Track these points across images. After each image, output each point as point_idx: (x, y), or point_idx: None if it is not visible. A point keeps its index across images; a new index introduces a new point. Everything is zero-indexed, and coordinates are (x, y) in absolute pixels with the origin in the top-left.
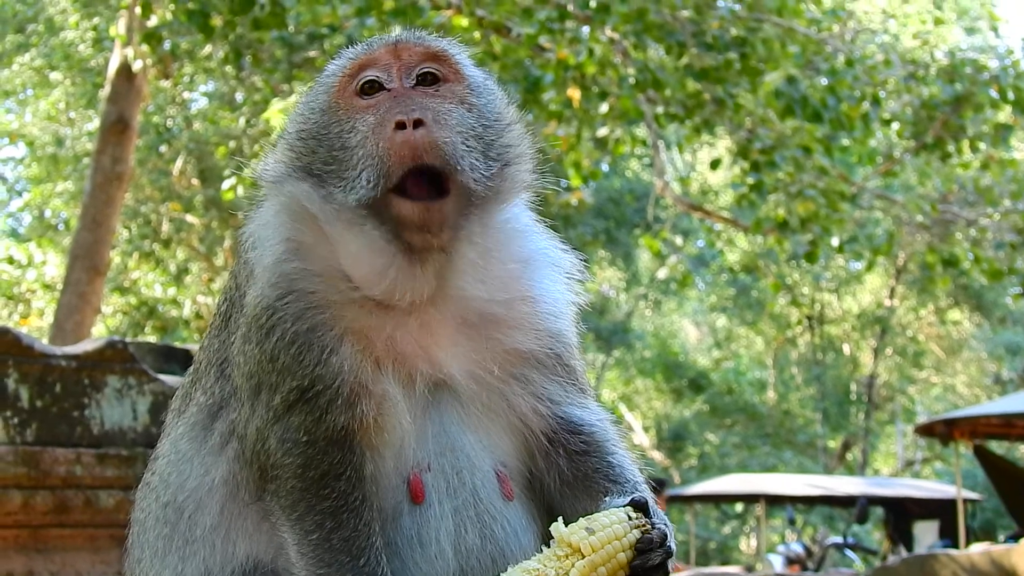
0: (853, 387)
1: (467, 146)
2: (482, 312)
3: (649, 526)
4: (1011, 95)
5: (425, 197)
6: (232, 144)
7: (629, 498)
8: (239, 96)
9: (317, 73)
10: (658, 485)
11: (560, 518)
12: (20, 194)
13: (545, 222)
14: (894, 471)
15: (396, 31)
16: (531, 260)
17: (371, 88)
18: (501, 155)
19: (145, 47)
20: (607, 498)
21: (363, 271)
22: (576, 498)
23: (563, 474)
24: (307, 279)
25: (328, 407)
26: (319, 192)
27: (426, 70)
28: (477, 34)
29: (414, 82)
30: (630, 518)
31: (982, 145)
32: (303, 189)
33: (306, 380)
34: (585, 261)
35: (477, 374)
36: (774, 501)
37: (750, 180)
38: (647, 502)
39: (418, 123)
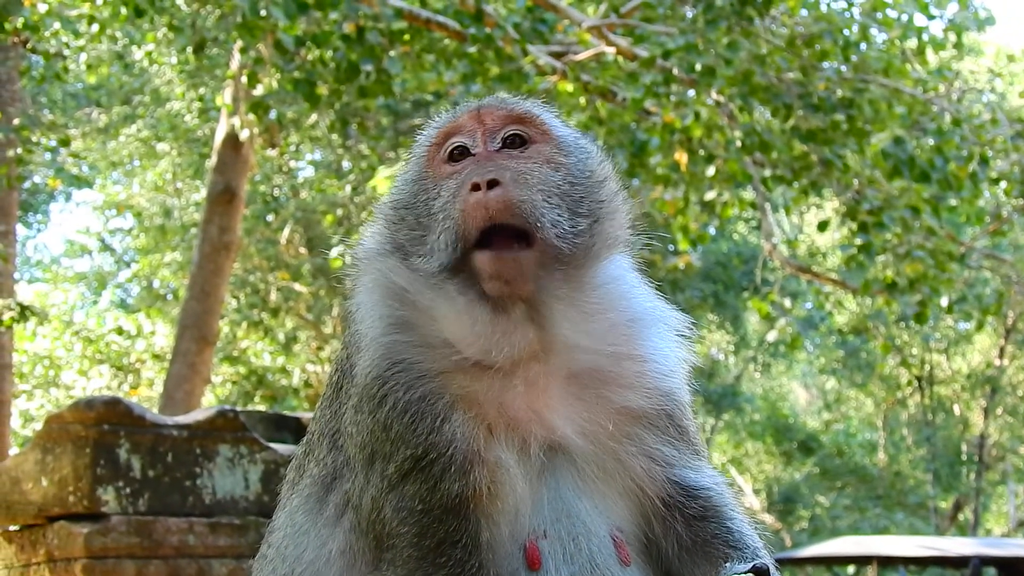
0: (964, 447)
1: (549, 203)
2: (590, 368)
3: None
4: None
5: (505, 249)
6: (339, 212)
7: (751, 564)
8: (346, 164)
9: None
10: None
11: None
12: (128, 265)
13: (653, 286)
14: (1007, 531)
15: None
16: (639, 319)
17: (459, 154)
18: (592, 211)
19: (251, 116)
20: (727, 564)
21: (459, 334)
22: (695, 564)
23: (681, 540)
24: (412, 351)
25: (442, 475)
26: (405, 264)
27: (511, 132)
28: (583, 99)
29: (499, 145)
30: None
31: None
32: (391, 264)
33: (419, 449)
34: (694, 324)
35: (590, 434)
36: (886, 563)
37: (858, 241)
38: (768, 568)
39: (493, 183)
